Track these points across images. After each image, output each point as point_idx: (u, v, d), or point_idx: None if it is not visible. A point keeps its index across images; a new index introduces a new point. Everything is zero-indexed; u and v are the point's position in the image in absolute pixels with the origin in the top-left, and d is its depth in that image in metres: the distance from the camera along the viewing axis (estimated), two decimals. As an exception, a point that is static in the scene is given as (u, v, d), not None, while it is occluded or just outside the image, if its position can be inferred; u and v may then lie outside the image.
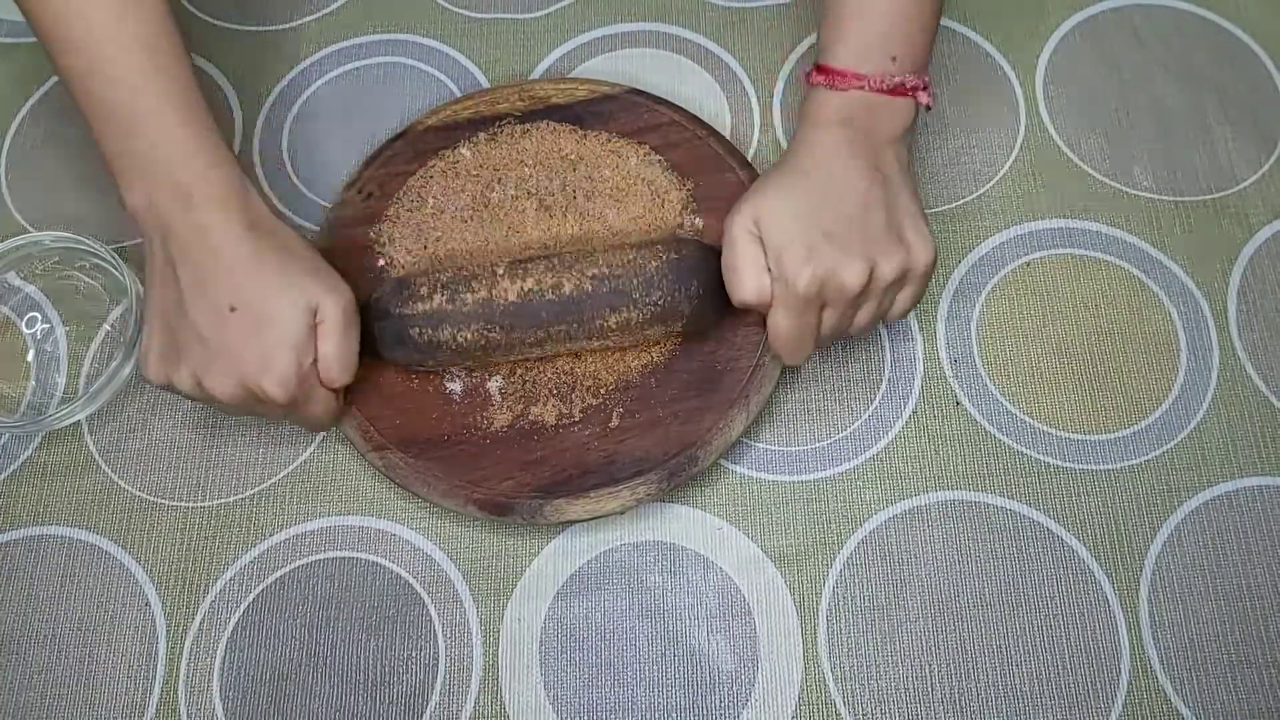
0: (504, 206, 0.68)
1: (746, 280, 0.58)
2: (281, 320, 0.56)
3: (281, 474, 0.65)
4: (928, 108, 0.61)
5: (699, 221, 0.68)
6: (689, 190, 0.68)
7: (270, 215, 0.59)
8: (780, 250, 0.56)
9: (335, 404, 0.61)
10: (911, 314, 0.68)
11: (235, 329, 0.56)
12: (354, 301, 0.59)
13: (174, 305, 0.57)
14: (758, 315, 0.61)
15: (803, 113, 0.61)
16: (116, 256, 0.66)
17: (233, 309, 0.56)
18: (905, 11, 0.59)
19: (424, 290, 0.61)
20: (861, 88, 0.59)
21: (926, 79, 0.60)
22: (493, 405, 0.64)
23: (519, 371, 0.65)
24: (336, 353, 0.58)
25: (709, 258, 0.61)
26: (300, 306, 0.57)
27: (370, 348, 0.62)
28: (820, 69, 0.60)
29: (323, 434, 0.66)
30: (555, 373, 0.64)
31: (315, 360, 0.58)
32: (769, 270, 0.57)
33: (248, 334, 0.56)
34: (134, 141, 0.57)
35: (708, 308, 0.62)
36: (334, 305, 0.58)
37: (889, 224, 0.57)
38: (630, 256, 0.61)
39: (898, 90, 0.59)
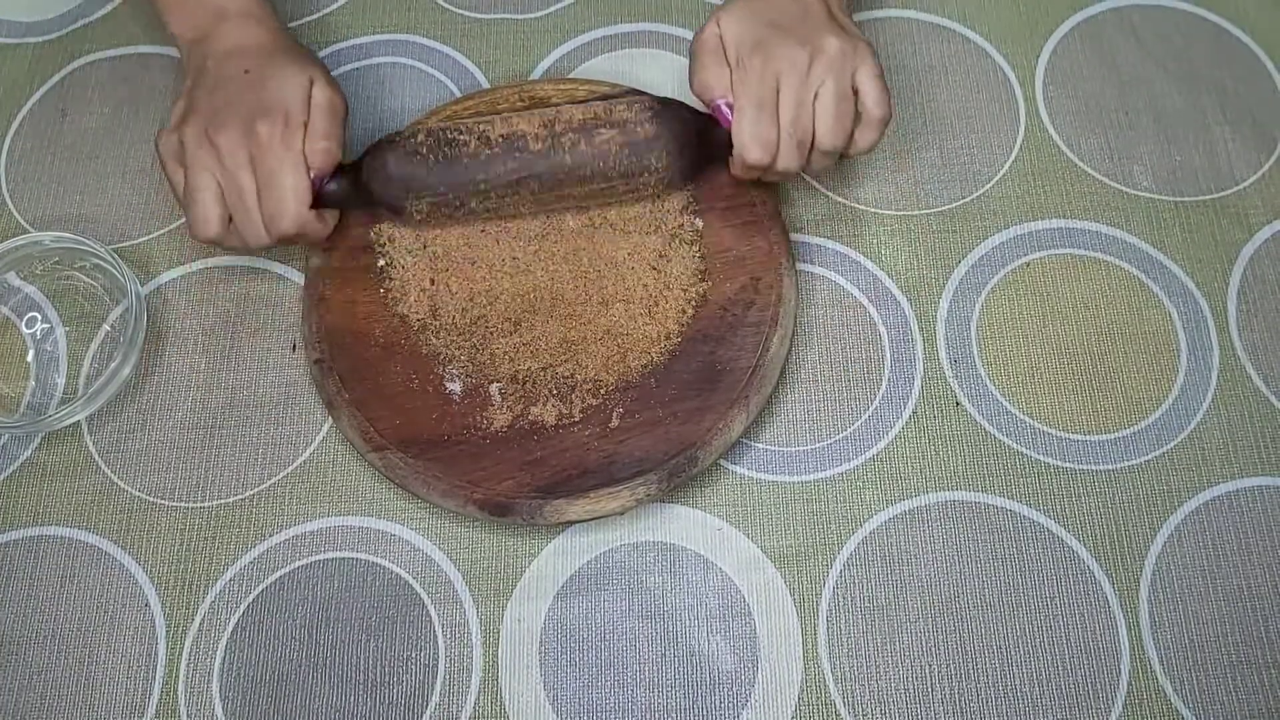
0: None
1: (708, 78, 0.64)
2: (282, 80, 0.63)
3: (281, 474, 0.65)
4: None
5: (698, 222, 0.68)
6: (689, 190, 0.68)
7: (289, 34, 0.69)
8: (736, 44, 0.63)
9: (307, 188, 0.62)
10: (911, 317, 0.68)
11: (244, 85, 0.64)
12: (343, 99, 0.65)
13: (197, 85, 0.65)
14: (757, 318, 0.61)
15: None
16: (116, 257, 0.66)
17: (246, 71, 0.64)
18: None
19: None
20: None
21: None
22: (493, 405, 0.64)
23: (519, 373, 0.65)
24: (321, 120, 0.63)
25: (685, 107, 0.66)
26: (301, 77, 0.64)
27: (364, 198, 0.65)
28: None
29: (321, 434, 0.66)
30: (555, 373, 0.64)
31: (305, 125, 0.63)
32: (729, 66, 0.63)
33: (253, 88, 0.63)
34: None
35: (683, 142, 0.65)
36: (325, 83, 0.64)
37: (829, 21, 0.64)
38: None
39: None
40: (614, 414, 0.63)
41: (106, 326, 0.69)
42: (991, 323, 0.68)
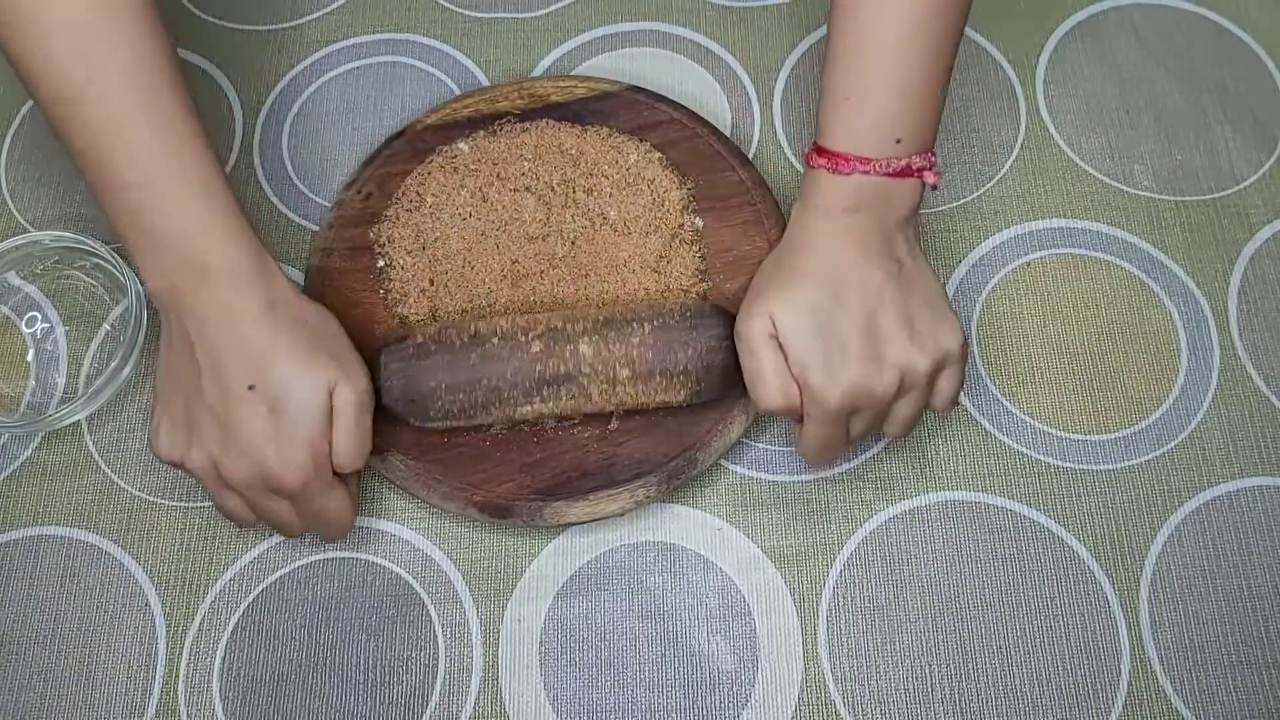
0: (502, 202, 0.68)
1: (773, 392, 0.56)
2: (298, 401, 0.54)
3: (281, 474, 0.65)
4: (934, 187, 0.58)
5: (699, 221, 0.68)
6: (689, 189, 0.68)
7: (292, 291, 0.58)
8: (804, 366, 0.55)
9: (349, 498, 0.59)
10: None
11: (252, 411, 0.54)
12: (370, 388, 0.58)
13: (191, 384, 0.55)
14: None
15: (803, 196, 0.59)
16: (116, 256, 0.66)
17: (250, 388, 0.54)
18: (909, 89, 0.56)
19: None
20: (866, 172, 0.56)
21: (932, 157, 0.57)
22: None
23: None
24: (348, 440, 0.56)
25: (727, 328, 0.60)
26: (320, 388, 0.55)
27: (383, 413, 0.61)
28: (820, 151, 0.57)
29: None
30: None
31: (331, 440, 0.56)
32: (794, 379, 0.55)
33: (264, 414, 0.54)
34: (148, 218, 0.54)
35: (723, 380, 0.61)
36: (350, 390, 0.56)
37: (910, 319, 0.55)
38: (653, 337, 0.60)
39: (904, 172, 0.56)
40: (613, 416, 0.63)
41: (107, 326, 0.69)
42: (992, 322, 0.68)
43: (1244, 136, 0.72)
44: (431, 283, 0.67)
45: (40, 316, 0.69)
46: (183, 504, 0.65)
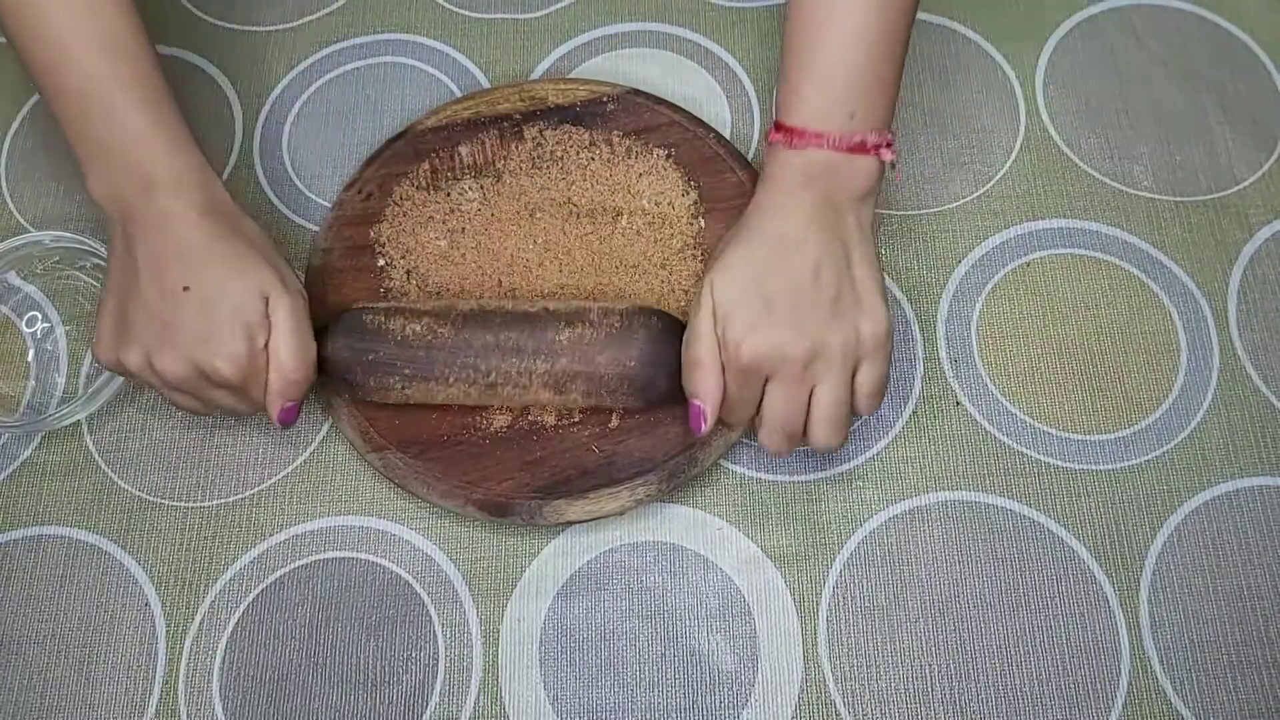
0: (503, 201, 0.68)
1: (695, 342, 0.57)
2: (232, 300, 0.56)
3: (281, 474, 0.65)
4: (892, 165, 0.58)
5: (701, 222, 0.68)
6: (697, 192, 0.68)
7: (230, 203, 0.60)
8: (726, 318, 0.56)
9: (279, 408, 0.59)
10: (912, 316, 0.68)
11: (187, 308, 0.56)
12: (305, 303, 0.59)
13: (130, 286, 0.57)
14: None
15: (763, 172, 0.60)
16: (116, 257, 0.66)
17: (186, 289, 0.56)
18: (864, 66, 0.57)
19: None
20: (820, 146, 0.57)
21: (889, 135, 0.58)
22: (492, 406, 0.64)
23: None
24: (288, 343, 0.57)
25: (675, 324, 0.61)
26: (253, 290, 0.57)
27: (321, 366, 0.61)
28: (778, 126, 0.58)
29: (321, 434, 0.66)
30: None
31: (266, 345, 0.57)
32: (717, 338, 0.57)
33: (199, 312, 0.56)
34: (95, 128, 0.57)
35: (664, 360, 0.60)
36: (284, 296, 0.58)
37: (839, 296, 0.56)
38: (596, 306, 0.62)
39: (858, 148, 0.57)
40: (614, 414, 0.63)
41: (105, 327, 0.69)
42: (992, 322, 0.68)
43: (1243, 136, 0.73)
44: (433, 282, 0.67)
45: (40, 316, 0.69)
46: (183, 503, 0.65)
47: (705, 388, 0.57)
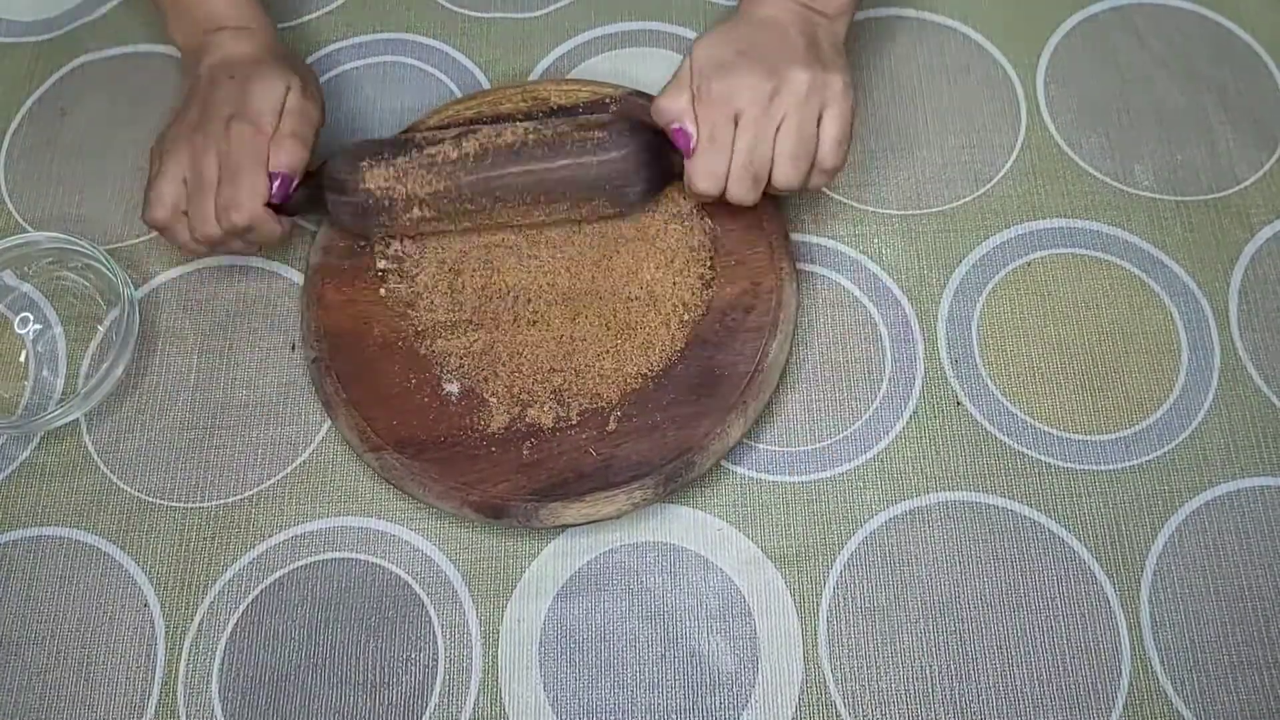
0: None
1: (667, 96, 0.62)
2: (263, 85, 0.64)
3: (280, 475, 0.65)
4: None
5: (707, 222, 0.67)
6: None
7: (283, 47, 0.69)
8: (699, 71, 0.61)
9: (261, 188, 0.62)
10: (912, 316, 0.68)
11: (228, 89, 0.64)
12: (321, 104, 0.67)
13: (190, 92, 0.66)
14: (756, 323, 0.62)
15: None
16: (109, 258, 0.66)
17: (231, 78, 0.65)
18: None
19: (376, 154, 0.64)
20: None
21: None
22: (490, 407, 0.64)
23: (518, 374, 0.64)
24: (288, 125, 0.63)
25: (643, 126, 0.65)
26: (279, 84, 0.64)
27: (324, 208, 0.65)
28: None
29: (320, 435, 0.66)
30: (554, 375, 0.64)
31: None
32: (690, 91, 0.61)
33: (234, 90, 0.64)
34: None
35: (640, 162, 0.64)
36: (299, 92, 0.64)
37: (807, 52, 0.61)
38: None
39: None
40: (611, 417, 0.63)
41: (101, 328, 0.69)
42: (992, 322, 0.68)
43: (1244, 136, 0.72)
44: (433, 281, 0.67)
45: (35, 316, 0.69)
46: (182, 504, 0.65)
47: (679, 108, 0.61)
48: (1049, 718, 0.59)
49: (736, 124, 0.60)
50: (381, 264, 0.68)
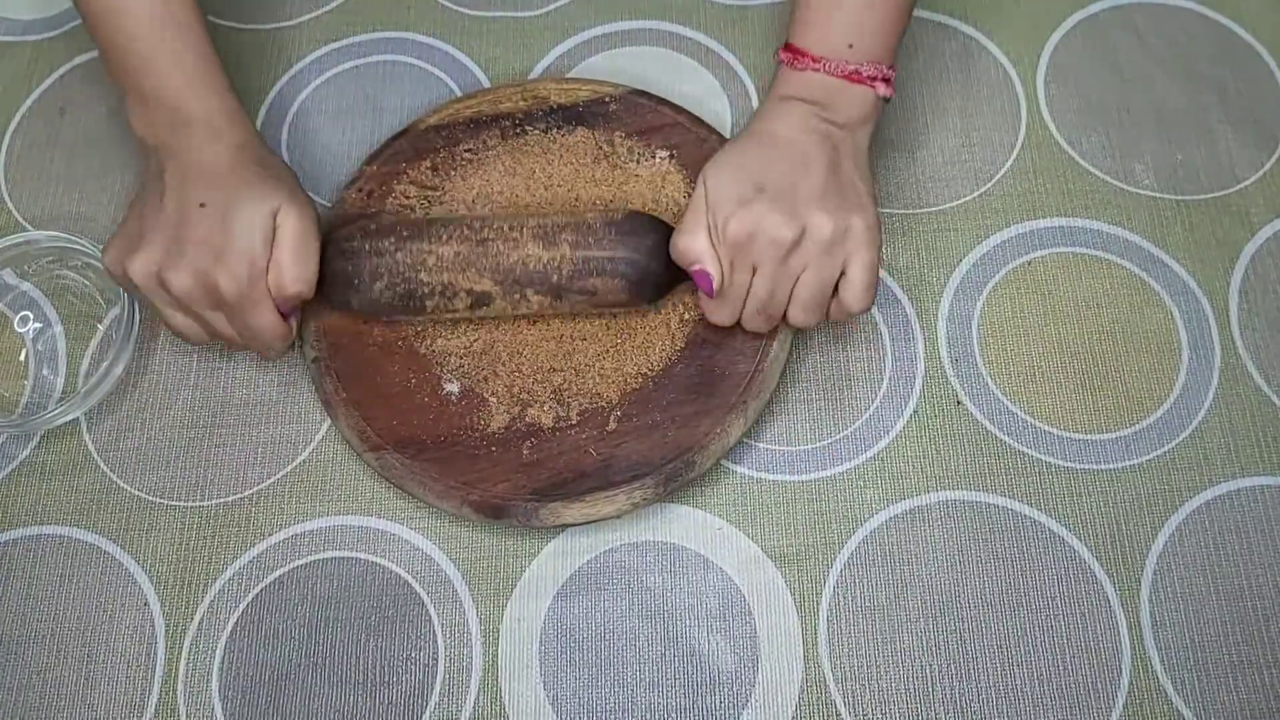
0: (504, 202, 0.68)
1: (687, 237, 0.59)
2: (243, 219, 0.58)
3: (280, 474, 0.65)
4: (887, 99, 0.62)
5: None
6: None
7: (260, 143, 0.63)
8: (716, 203, 0.58)
9: (280, 323, 0.60)
10: (913, 315, 0.68)
11: (200, 223, 0.58)
12: (316, 217, 0.61)
13: (153, 203, 0.60)
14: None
15: (770, 88, 0.63)
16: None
17: (202, 205, 0.58)
18: (869, 3, 0.61)
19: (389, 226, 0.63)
20: (818, 70, 0.61)
21: (888, 71, 0.61)
22: (490, 407, 0.64)
23: (518, 374, 0.64)
24: (290, 258, 0.59)
25: (667, 226, 0.63)
26: (264, 210, 0.59)
27: (336, 296, 0.62)
28: (786, 47, 0.62)
29: (320, 434, 0.66)
30: (554, 375, 0.64)
31: (270, 264, 0.59)
32: (709, 227, 0.59)
33: (210, 228, 0.58)
34: (145, 80, 0.62)
35: (657, 249, 0.61)
36: (294, 213, 0.59)
37: (828, 187, 0.58)
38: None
39: (853, 77, 0.60)
40: (611, 417, 0.63)
41: (101, 326, 0.69)
42: (992, 321, 0.68)
43: (1245, 136, 0.72)
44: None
45: (36, 315, 0.69)
46: (182, 503, 0.65)
47: (700, 249, 0.59)
48: (1049, 718, 0.59)
49: (753, 269, 0.59)
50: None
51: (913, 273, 0.69)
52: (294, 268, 0.59)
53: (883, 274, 0.69)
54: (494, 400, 0.64)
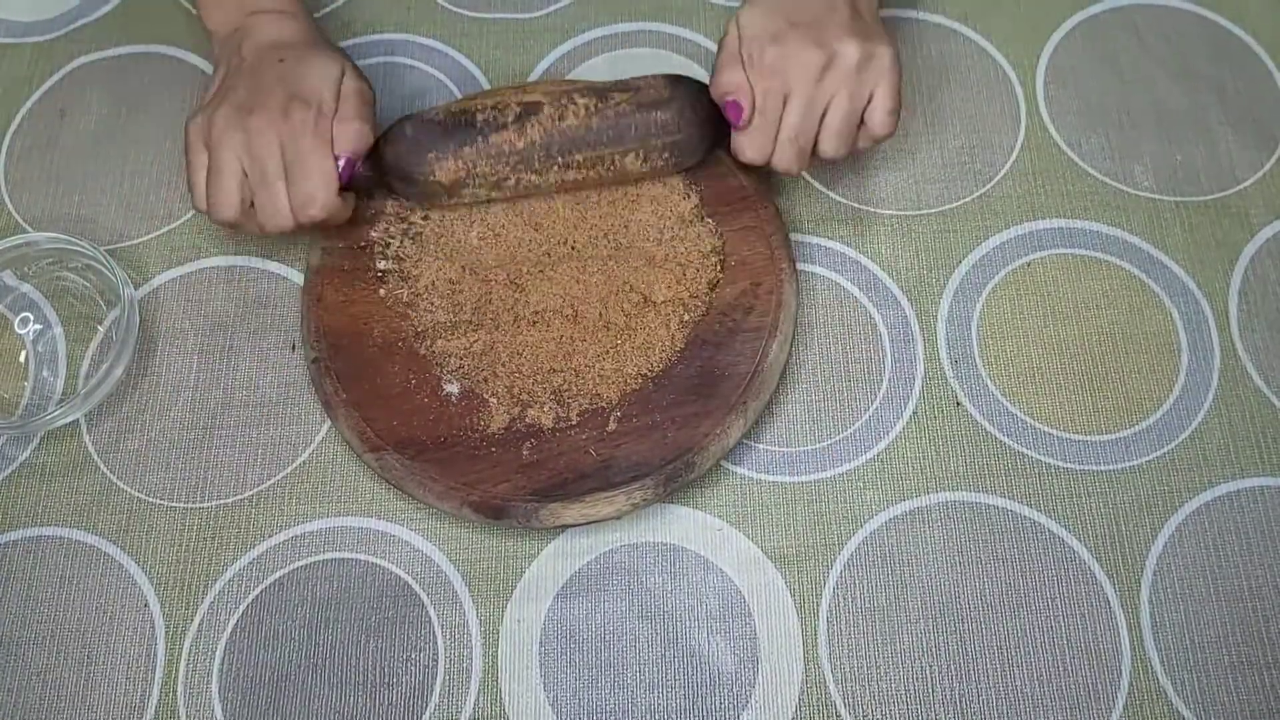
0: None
1: (724, 74, 0.62)
2: (315, 70, 0.64)
3: (280, 475, 0.65)
4: None
5: (709, 222, 0.67)
6: (698, 196, 0.68)
7: (324, 35, 0.69)
8: (749, 39, 0.62)
9: (335, 178, 0.62)
10: (912, 317, 0.68)
11: (279, 72, 0.64)
12: (373, 90, 0.66)
13: (232, 72, 0.65)
14: (756, 323, 0.62)
15: None
16: (109, 258, 0.66)
17: (280, 60, 0.64)
18: None
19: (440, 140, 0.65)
20: None
21: None
22: (490, 407, 0.64)
23: (518, 375, 0.64)
24: (353, 112, 0.62)
25: (698, 83, 0.66)
26: (334, 68, 0.64)
27: (393, 129, 0.65)
28: None
29: (320, 435, 0.66)
30: (554, 376, 0.64)
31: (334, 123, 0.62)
32: (743, 65, 0.62)
33: (287, 71, 0.63)
34: None
35: (695, 111, 0.65)
36: (356, 77, 0.64)
37: (854, 21, 0.62)
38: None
39: None
40: (611, 418, 0.63)
41: (101, 328, 0.69)
42: (992, 323, 0.68)
43: (1244, 137, 0.72)
44: (433, 283, 0.67)
45: (33, 317, 0.69)
46: (182, 504, 0.65)
47: (736, 80, 0.62)
48: (1049, 718, 0.59)
49: (785, 99, 0.61)
50: (381, 265, 0.68)
51: (912, 274, 0.69)
52: (355, 121, 0.62)
53: (883, 274, 0.69)
54: (494, 401, 0.64)
